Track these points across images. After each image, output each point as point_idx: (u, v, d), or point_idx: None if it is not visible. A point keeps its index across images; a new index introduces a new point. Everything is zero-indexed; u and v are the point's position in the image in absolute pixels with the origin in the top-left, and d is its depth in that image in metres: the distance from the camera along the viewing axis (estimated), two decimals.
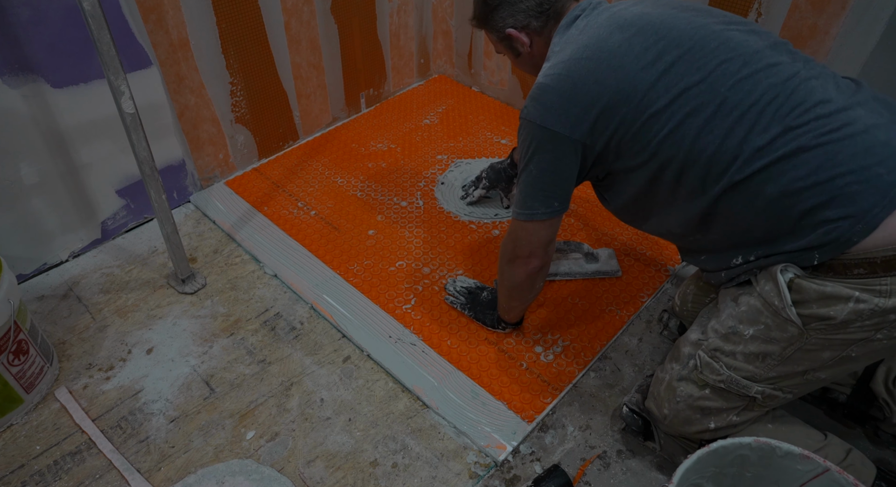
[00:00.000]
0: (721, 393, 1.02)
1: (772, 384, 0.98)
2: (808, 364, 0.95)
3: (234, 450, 1.22)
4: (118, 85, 1.20)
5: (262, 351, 1.41)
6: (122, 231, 1.71)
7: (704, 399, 1.04)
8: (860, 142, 0.86)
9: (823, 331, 0.90)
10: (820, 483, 0.90)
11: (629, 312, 1.49)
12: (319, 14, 1.85)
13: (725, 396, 1.02)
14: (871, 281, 0.85)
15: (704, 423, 1.05)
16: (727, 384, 1.01)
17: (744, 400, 1.02)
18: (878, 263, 0.84)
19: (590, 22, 1.02)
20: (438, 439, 1.25)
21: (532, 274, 1.19)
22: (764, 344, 0.96)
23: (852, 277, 0.86)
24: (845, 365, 0.95)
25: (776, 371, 0.97)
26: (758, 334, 0.96)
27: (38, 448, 1.22)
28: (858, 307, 0.86)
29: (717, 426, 1.05)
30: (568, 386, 1.33)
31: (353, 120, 2.15)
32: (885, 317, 0.86)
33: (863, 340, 0.90)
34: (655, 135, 0.96)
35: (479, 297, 1.46)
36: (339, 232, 1.71)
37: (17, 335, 1.21)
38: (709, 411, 1.04)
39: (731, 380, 1.00)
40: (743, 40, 0.95)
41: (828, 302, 0.88)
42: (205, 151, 1.80)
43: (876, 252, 0.84)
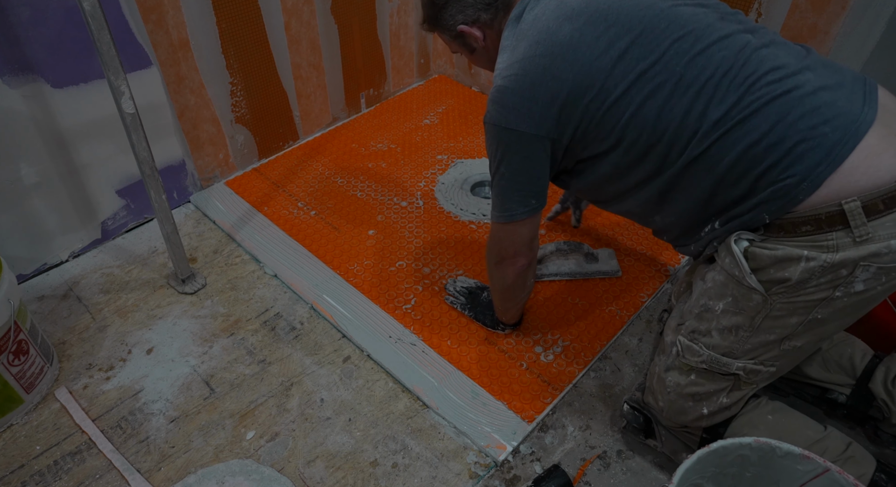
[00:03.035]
0: (706, 375, 1.04)
1: (751, 358, 0.99)
2: (779, 331, 0.96)
3: (234, 450, 1.22)
4: (118, 85, 1.20)
5: (262, 351, 1.41)
6: (122, 231, 1.71)
7: (692, 384, 1.05)
8: (808, 102, 0.88)
9: (785, 294, 0.92)
10: (820, 483, 0.90)
11: (629, 312, 1.49)
12: (319, 14, 1.85)
13: (710, 377, 1.03)
14: (817, 238, 0.88)
15: (698, 409, 1.06)
16: (709, 364, 1.02)
17: (729, 380, 1.02)
18: (822, 219, 0.87)
19: (538, 14, 1.01)
20: (438, 439, 1.25)
21: (521, 272, 1.20)
22: (734, 317, 0.97)
23: (801, 235, 0.89)
24: (817, 330, 0.96)
25: (750, 342, 0.98)
26: (727, 307, 0.98)
27: (38, 448, 1.23)
28: (809, 265, 0.88)
29: (710, 410, 1.05)
30: (568, 386, 1.33)
31: (353, 120, 2.15)
32: (837, 273, 0.88)
33: (824, 300, 0.91)
34: (619, 121, 0.97)
35: (479, 297, 1.46)
36: (339, 232, 1.71)
37: (17, 335, 1.21)
38: (699, 396, 1.05)
39: (711, 359, 1.01)
40: (692, 15, 0.96)
41: (782, 264, 0.90)
42: (205, 151, 1.80)
43: (821, 208, 0.87)
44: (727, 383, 1.03)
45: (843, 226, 0.86)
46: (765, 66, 0.91)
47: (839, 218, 0.86)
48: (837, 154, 0.86)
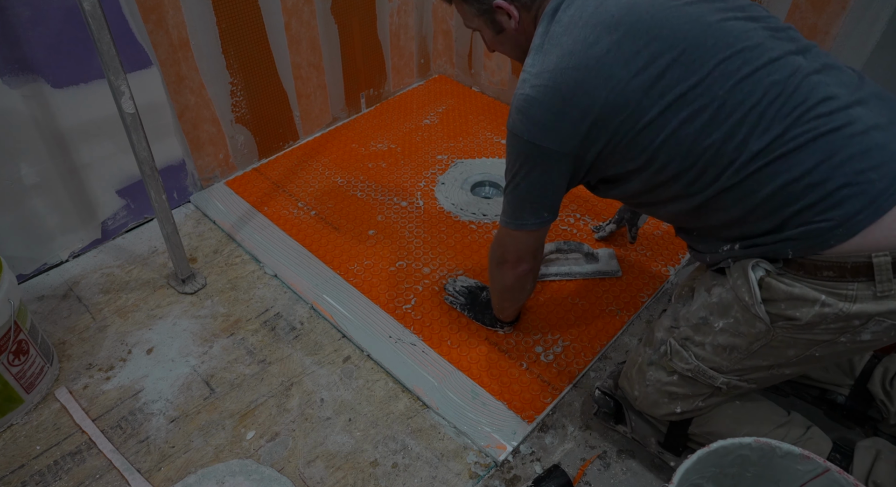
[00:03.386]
0: (688, 381, 1.04)
1: (737, 375, 1.00)
2: (773, 359, 0.95)
3: (234, 450, 1.22)
4: (118, 85, 1.20)
5: (262, 351, 1.41)
6: (122, 231, 1.71)
7: (672, 385, 1.06)
8: (858, 143, 0.83)
9: (790, 330, 0.91)
10: (820, 483, 0.90)
11: (629, 312, 1.49)
12: (319, 14, 1.85)
13: (692, 384, 1.04)
14: (838, 285, 0.85)
15: (671, 407, 1.07)
16: (694, 373, 1.02)
17: (709, 389, 1.03)
18: (847, 268, 0.84)
19: (574, 18, 0.93)
20: (438, 439, 1.25)
21: (521, 277, 1.19)
22: (732, 337, 0.96)
23: (821, 278, 0.86)
24: (809, 364, 0.96)
25: (742, 364, 0.98)
26: (727, 327, 0.96)
27: (38, 448, 1.23)
28: (824, 310, 0.86)
29: (683, 409, 1.06)
30: (568, 387, 1.33)
31: (353, 120, 2.15)
32: (849, 322, 0.86)
33: (827, 342, 0.90)
34: (651, 143, 0.92)
35: (478, 297, 1.46)
36: (339, 232, 1.71)
37: (17, 335, 1.21)
38: (676, 396, 1.06)
39: (698, 370, 1.01)
40: (742, 32, 0.89)
41: (795, 303, 0.88)
42: (205, 151, 1.80)
43: (848, 257, 0.83)
44: (707, 391, 1.04)
45: (867, 278, 0.83)
46: (815, 96, 0.85)
47: (865, 269, 0.83)
48: (881, 204, 0.81)
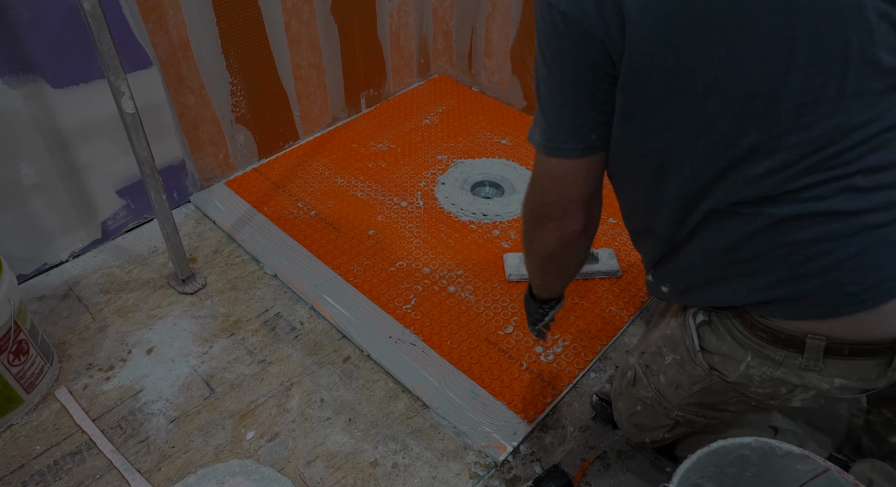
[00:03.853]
0: (650, 411, 1.02)
1: (687, 411, 0.97)
2: (716, 398, 0.93)
3: (235, 450, 1.22)
4: (118, 85, 1.20)
5: (262, 352, 1.41)
6: (122, 231, 1.71)
7: (636, 415, 1.05)
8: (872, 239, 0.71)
9: (725, 381, 0.87)
10: (820, 483, 0.90)
11: (629, 312, 1.49)
12: (319, 14, 1.85)
13: (653, 414, 1.02)
14: (766, 347, 0.81)
15: (641, 438, 1.07)
16: (652, 401, 1.00)
17: (670, 420, 1.01)
18: (780, 338, 0.79)
19: None
20: (438, 439, 1.25)
21: (568, 240, 0.89)
22: (678, 375, 0.94)
23: (754, 336, 0.81)
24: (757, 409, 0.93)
25: (688, 401, 0.95)
26: (674, 362, 0.94)
27: (38, 448, 1.23)
28: (749, 372, 0.83)
29: (651, 440, 1.06)
30: (568, 387, 1.33)
31: (353, 120, 2.15)
32: (776, 388, 0.82)
33: (760, 400, 0.87)
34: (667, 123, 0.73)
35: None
36: (340, 232, 1.71)
37: (17, 335, 1.21)
38: (642, 427, 1.05)
39: (656, 399, 0.99)
40: None
41: (724, 359, 0.85)
42: (205, 151, 1.80)
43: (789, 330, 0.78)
44: (669, 422, 1.02)
45: (796, 350, 0.78)
46: None
47: (797, 343, 0.78)
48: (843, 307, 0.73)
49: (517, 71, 2.11)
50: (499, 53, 2.13)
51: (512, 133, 2.08)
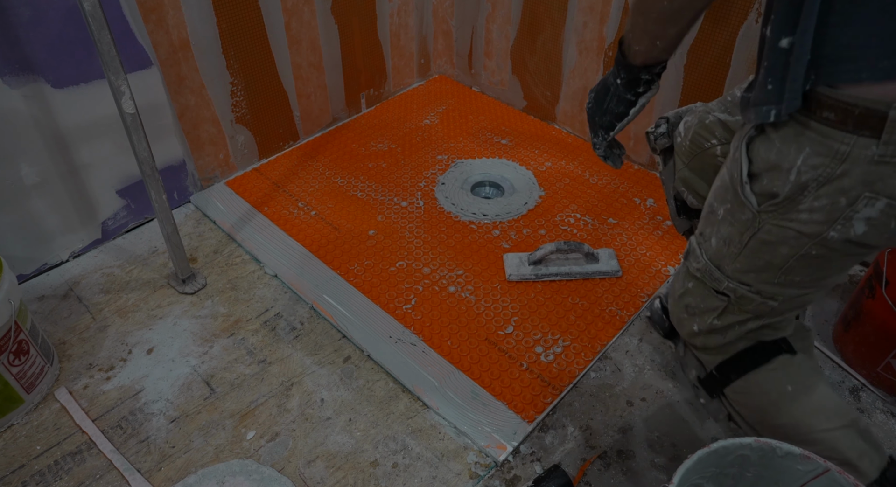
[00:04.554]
0: (700, 287, 0.94)
1: (742, 281, 0.88)
2: (768, 258, 0.83)
3: (235, 450, 1.23)
4: (118, 85, 1.20)
5: (262, 351, 1.41)
6: (122, 231, 1.71)
7: (688, 294, 0.96)
8: None
9: (775, 217, 0.78)
10: (820, 483, 0.90)
11: (629, 312, 1.49)
12: (320, 14, 1.85)
13: (703, 292, 0.93)
14: (831, 133, 0.70)
15: (689, 325, 0.98)
16: (702, 273, 0.92)
17: (721, 300, 0.92)
18: (853, 115, 0.67)
19: None
20: (439, 439, 1.25)
21: None
22: (729, 227, 0.85)
23: (817, 120, 0.70)
24: (815, 267, 0.82)
25: (739, 262, 0.86)
26: (726, 214, 0.85)
27: (38, 448, 1.23)
28: (801, 180, 0.73)
29: (699, 328, 0.96)
30: (568, 387, 1.33)
31: (353, 120, 2.15)
32: (835, 200, 0.71)
33: (818, 236, 0.76)
34: None
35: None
36: (340, 232, 1.71)
37: (17, 335, 1.21)
38: (692, 309, 0.97)
39: (706, 270, 0.91)
40: None
41: (773, 174, 0.76)
42: (205, 151, 1.80)
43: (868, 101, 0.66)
44: (719, 303, 0.92)
45: (871, 134, 0.67)
46: None
47: (874, 122, 0.66)
48: None
49: (517, 71, 2.11)
50: (499, 53, 2.13)
51: (512, 133, 2.08)
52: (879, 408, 1.29)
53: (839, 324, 1.41)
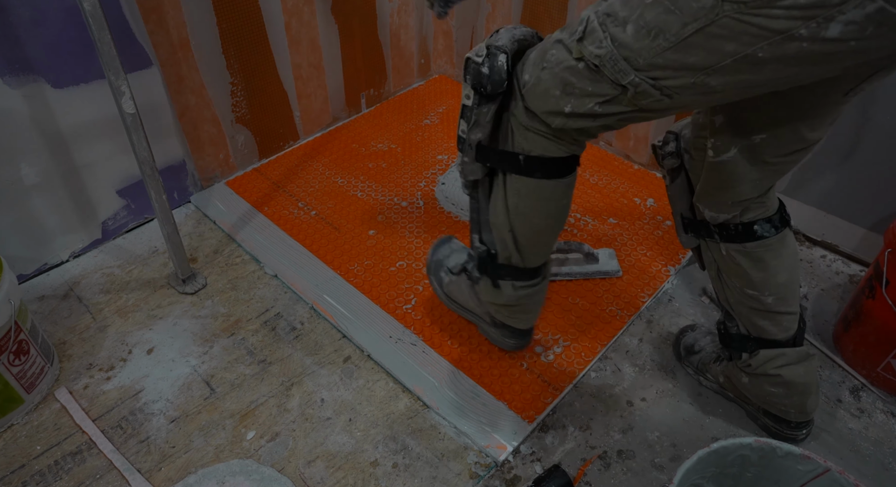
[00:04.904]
0: (592, 74, 0.85)
1: (651, 77, 0.80)
2: (702, 56, 0.76)
3: (235, 450, 1.23)
4: (119, 85, 1.20)
5: (262, 352, 1.41)
6: (122, 231, 1.71)
7: (571, 71, 0.87)
8: None
9: (742, 7, 0.70)
10: (820, 484, 0.90)
11: (629, 312, 1.49)
12: (320, 14, 1.85)
13: (595, 79, 0.85)
14: None
15: (560, 104, 0.90)
16: (602, 61, 0.83)
17: (614, 89, 0.85)
18: None
19: None
20: (439, 439, 1.25)
21: None
22: (664, 15, 0.76)
23: None
24: (744, 76, 0.76)
25: (663, 57, 0.78)
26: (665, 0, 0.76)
27: (38, 448, 1.23)
28: None
29: (572, 110, 0.90)
30: (568, 387, 1.33)
31: (353, 120, 2.15)
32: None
33: (782, 34, 0.70)
34: None
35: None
36: (340, 232, 1.71)
37: (17, 335, 1.21)
38: (571, 89, 0.88)
39: (609, 58, 0.82)
40: None
41: None
42: (205, 151, 1.80)
43: None
44: (609, 92, 0.85)
45: None
46: None
47: None
48: None
49: None
50: None
51: None
52: (880, 408, 1.29)
53: (839, 324, 1.41)
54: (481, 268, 1.20)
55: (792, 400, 1.15)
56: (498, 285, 1.19)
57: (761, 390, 1.17)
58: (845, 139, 1.49)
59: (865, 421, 1.27)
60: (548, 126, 0.95)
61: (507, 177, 1.04)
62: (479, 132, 1.02)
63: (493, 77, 0.95)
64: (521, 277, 1.17)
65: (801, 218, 1.67)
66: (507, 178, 1.04)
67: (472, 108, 1.00)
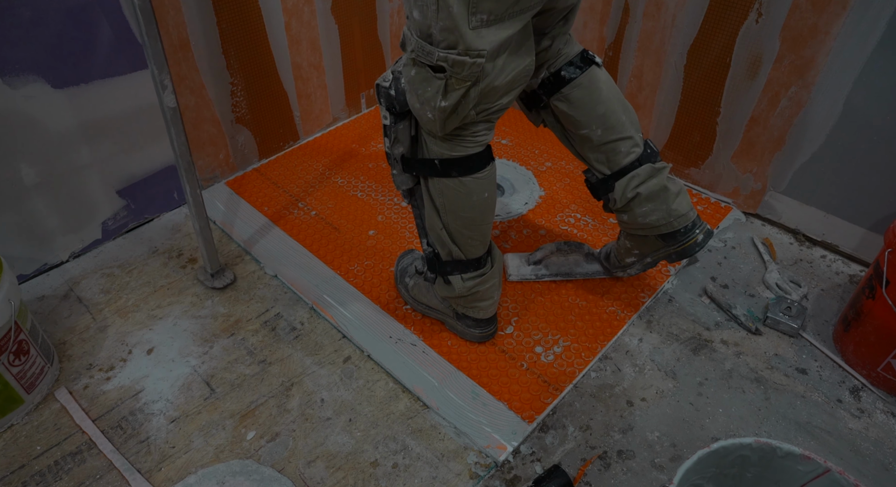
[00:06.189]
0: (422, 72, 0.99)
1: (450, 46, 0.93)
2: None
3: (235, 451, 1.23)
4: (162, 79, 1.23)
5: (262, 352, 1.41)
6: (122, 231, 1.71)
7: (414, 82, 1.01)
8: None
9: None
10: (820, 484, 0.90)
11: (629, 312, 1.49)
12: (320, 14, 1.85)
13: (425, 75, 0.99)
14: None
15: (424, 113, 1.04)
16: (417, 53, 0.97)
17: (439, 78, 0.97)
18: None
19: None
20: (439, 439, 1.25)
21: None
22: None
23: None
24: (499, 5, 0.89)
25: (441, 19, 0.91)
26: None
27: (38, 448, 1.23)
28: None
29: (432, 115, 1.03)
30: (568, 387, 1.33)
31: (353, 120, 2.15)
32: None
33: None
34: None
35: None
36: (340, 232, 1.71)
37: (17, 335, 1.21)
38: (423, 96, 1.01)
39: (420, 48, 0.96)
40: None
41: None
42: (205, 151, 1.80)
43: None
44: (439, 82, 0.98)
45: None
46: None
47: None
48: None
49: None
50: None
51: (512, 133, 2.08)
52: (880, 409, 1.29)
53: (839, 324, 1.41)
54: (431, 268, 1.31)
55: (662, 210, 1.26)
56: (448, 281, 1.28)
57: (637, 216, 1.28)
58: (845, 139, 1.49)
59: (865, 421, 1.27)
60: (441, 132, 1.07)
61: (431, 181, 1.16)
62: (400, 147, 1.15)
63: (398, 97, 1.09)
64: (466, 269, 1.26)
65: (801, 218, 1.67)
66: (431, 182, 1.16)
67: (390, 127, 1.13)
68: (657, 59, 1.71)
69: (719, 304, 1.50)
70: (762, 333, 1.44)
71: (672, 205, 1.26)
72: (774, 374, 1.36)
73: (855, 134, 1.47)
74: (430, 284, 1.38)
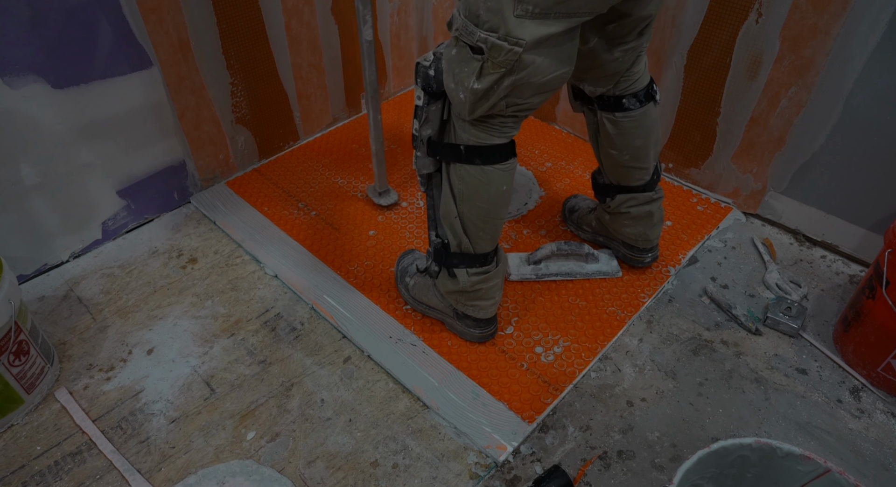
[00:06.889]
0: (462, 51, 1.02)
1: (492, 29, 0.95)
2: None
3: (235, 451, 1.23)
4: (364, 14, 1.36)
5: (262, 352, 1.41)
6: (122, 231, 1.71)
7: (452, 60, 1.05)
8: None
9: None
10: (821, 484, 0.90)
11: (629, 312, 1.49)
12: (320, 15, 1.85)
13: (464, 55, 1.02)
14: None
15: (457, 95, 1.07)
16: (460, 32, 1.00)
17: (477, 60, 1.00)
18: None
19: None
20: (439, 439, 1.25)
21: None
22: None
23: None
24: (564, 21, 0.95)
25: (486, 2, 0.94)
26: None
27: (38, 448, 1.23)
28: None
29: (465, 97, 1.05)
30: (568, 387, 1.33)
31: (353, 120, 2.15)
32: None
33: None
34: None
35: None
36: (340, 232, 1.71)
37: (17, 335, 1.21)
38: (459, 76, 1.04)
39: (464, 28, 0.99)
40: None
41: None
42: (205, 152, 1.80)
43: None
44: (476, 63, 1.00)
45: None
46: None
47: None
48: None
49: None
50: None
51: None
52: (880, 409, 1.29)
53: (839, 325, 1.41)
54: (437, 260, 1.32)
55: (637, 231, 1.48)
56: (454, 274, 1.30)
57: (618, 224, 1.49)
58: (845, 139, 1.49)
59: (865, 422, 1.27)
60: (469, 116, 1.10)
61: (453, 167, 1.18)
62: (429, 128, 1.18)
63: (437, 77, 1.12)
64: (473, 263, 1.28)
65: (802, 218, 1.67)
66: (453, 168, 1.18)
67: (422, 108, 1.15)
68: (657, 59, 1.71)
69: (719, 304, 1.50)
70: (762, 333, 1.44)
71: (648, 231, 1.48)
72: (774, 374, 1.36)
73: (855, 134, 1.47)
74: (432, 281, 1.38)
